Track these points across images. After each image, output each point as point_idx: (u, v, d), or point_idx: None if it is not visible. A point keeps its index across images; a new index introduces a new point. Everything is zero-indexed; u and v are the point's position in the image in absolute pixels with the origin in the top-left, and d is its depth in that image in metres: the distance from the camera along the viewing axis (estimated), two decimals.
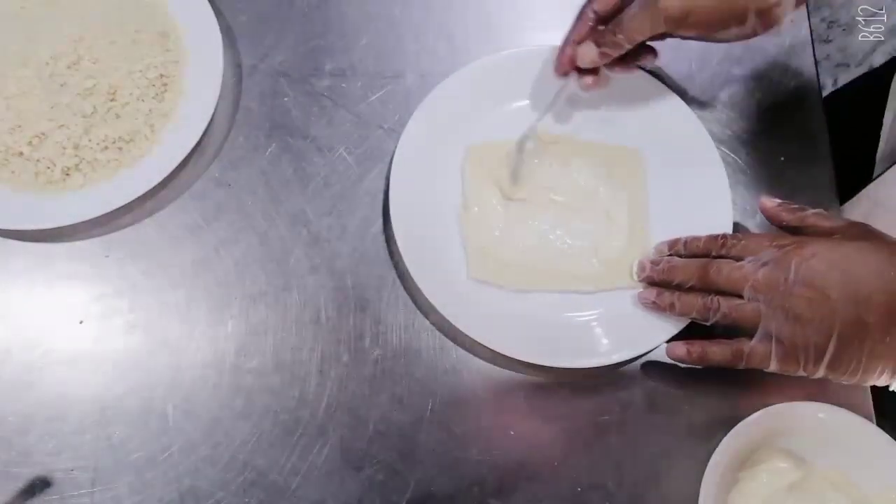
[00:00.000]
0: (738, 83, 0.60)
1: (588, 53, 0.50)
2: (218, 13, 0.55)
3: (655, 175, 0.56)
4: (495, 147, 0.55)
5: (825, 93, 0.61)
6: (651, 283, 0.51)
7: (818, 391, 0.50)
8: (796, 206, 0.49)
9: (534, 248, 0.53)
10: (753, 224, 0.56)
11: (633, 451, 0.50)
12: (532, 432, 0.50)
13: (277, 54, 0.58)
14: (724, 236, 0.49)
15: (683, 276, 0.49)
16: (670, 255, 0.51)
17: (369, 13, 0.60)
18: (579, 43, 0.51)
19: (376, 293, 0.52)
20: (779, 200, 0.49)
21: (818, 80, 0.61)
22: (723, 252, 0.48)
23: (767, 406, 0.47)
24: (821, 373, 0.44)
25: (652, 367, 0.52)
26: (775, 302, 0.44)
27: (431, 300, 0.49)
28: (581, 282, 0.52)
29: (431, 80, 0.55)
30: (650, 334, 0.50)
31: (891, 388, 0.44)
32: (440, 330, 0.51)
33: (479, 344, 0.49)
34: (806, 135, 0.59)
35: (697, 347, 0.48)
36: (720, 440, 0.45)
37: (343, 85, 0.57)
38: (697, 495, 0.44)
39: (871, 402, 0.51)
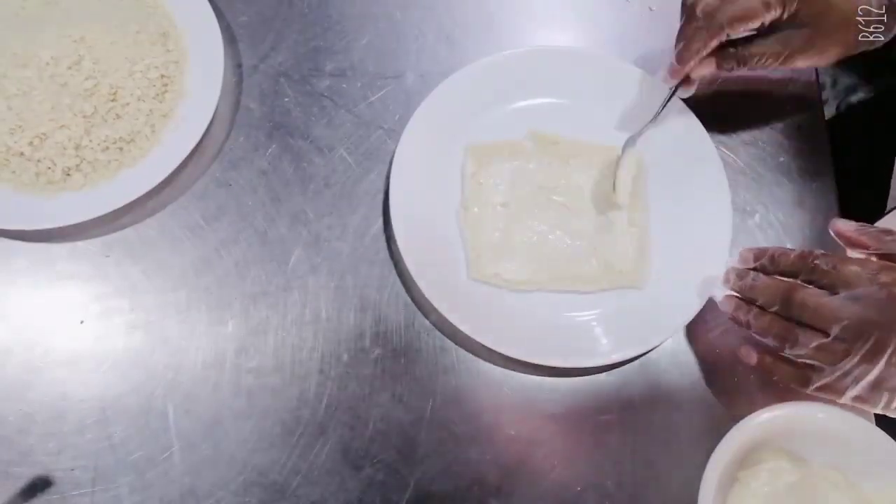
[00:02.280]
0: (738, 83, 0.60)
1: (707, 70, 0.51)
2: (218, 14, 0.55)
3: (655, 175, 0.56)
4: (495, 147, 0.55)
5: (824, 92, 0.61)
6: (735, 292, 0.49)
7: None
8: (876, 229, 0.44)
9: (534, 248, 0.53)
10: (753, 224, 0.56)
11: (633, 451, 0.50)
12: (532, 432, 0.50)
13: (278, 55, 0.58)
14: (816, 256, 0.44)
15: (765, 298, 0.46)
16: (755, 267, 0.48)
17: (369, 13, 0.60)
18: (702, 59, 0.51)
19: (376, 293, 0.52)
20: (855, 224, 0.45)
21: (817, 79, 0.61)
22: (813, 277, 0.44)
23: (767, 406, 0.47)
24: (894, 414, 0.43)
25: (652, 367, 0.52)
26: (867, 346, 0.40)
27: (431, 300, 0.49)
28: (581, 282, 0.52)
29: (431, 80, 0.56)
30: (650, 334, 0.50)
31: None
32: (440, 330, 0.51)
33: (479, 344, 0.49)
34: (805, 134, 0.59)
35: (769, 361, 0.47)
36: (720, 440, 0.45)
37: (343, 85, 0.57)
38: (697, 495, 0.44)
39: None
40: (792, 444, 0.48)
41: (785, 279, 0.46)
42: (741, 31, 0.49)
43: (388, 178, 0.52)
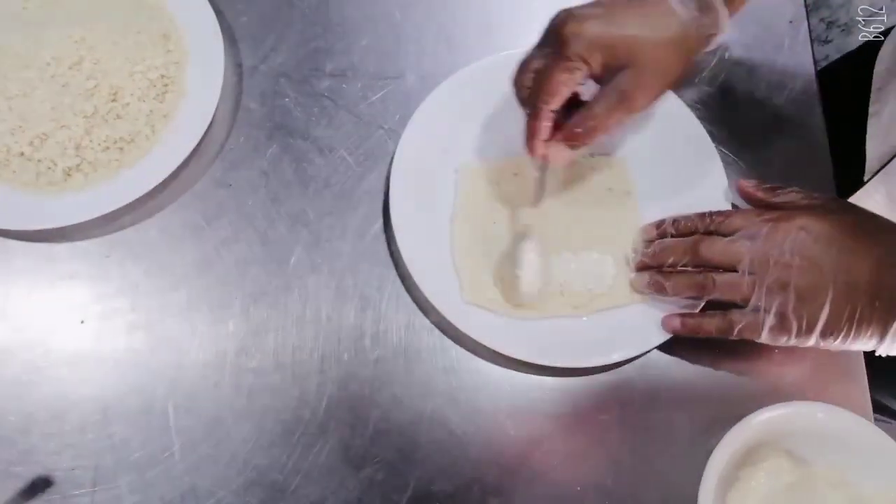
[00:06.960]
0: (737, 84, 0.60)
1: (563, 155, 0.48)
2: (219, 14, 0.56)
3: (654, 178, 0.56)
4: (488, 170, 0.55)
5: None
6: (644, 268, 0.51)
7: (818, 391, 0.51)
8: (772, 185, 0.49)
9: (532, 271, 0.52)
10: None
11: (633, 450, 0.50)
12: (532, 432, 0.50)
13: (278, 55, 0.58)
14: (711, 213, 0.49)
15: (675, 255, 0.49)
16: (658, 237, 0.51)
17: (369, 14, 0.60)
18: (546, 141, 0.47)
19: (376, 293, 0.52)
20: (755, 181, 0.50)
21: (817, 80, 0.61)
22: (711, 229, 0.48)
23: (767, 406, 0.47)
24: (812, 341, 0.45)
25: (652, 367, 0.52)
26: (770, 274, 0.45)
27: (431, 300, 0.49)
28: (581, 307, 0.52)
29: (431, 80, 0.56)
30: (650, 334, 0.50)
31: (877, 353, 0.45)
32: (440, 330, 0.51)
33: (479, 344, 0.49)
34: (805, 135, 0.59)
35: (690, 319, 0.49)
36: (720, 440, 0.45)
37: (343, 86, 0.57)
38: (697, 495, 0.44)
39: (869, 403, 0.51)
40: (792, 444, 0.48)
41: (688, 238, 0.49)
42: (559, 103, 0.45)
43: (388, 178, 0.53)
